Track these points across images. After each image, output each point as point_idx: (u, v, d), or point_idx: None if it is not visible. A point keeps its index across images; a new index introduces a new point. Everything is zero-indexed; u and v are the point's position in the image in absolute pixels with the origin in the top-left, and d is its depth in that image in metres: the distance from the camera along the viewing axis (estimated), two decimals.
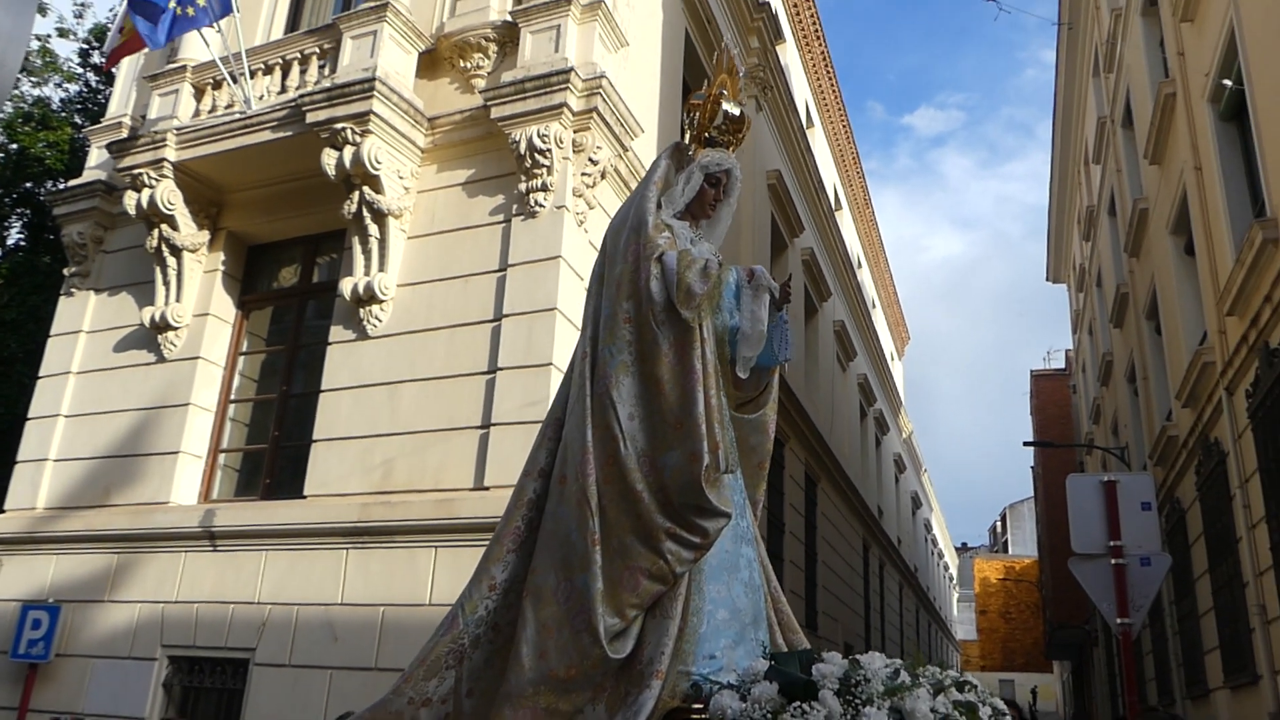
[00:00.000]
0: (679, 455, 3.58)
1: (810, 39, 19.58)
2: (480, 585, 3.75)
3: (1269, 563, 9.06)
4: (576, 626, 3.47)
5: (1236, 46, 9.26)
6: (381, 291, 8.38)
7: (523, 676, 3.47)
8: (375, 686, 7.25)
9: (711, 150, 4.24)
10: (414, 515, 7.57)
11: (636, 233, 3.92)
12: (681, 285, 3.72)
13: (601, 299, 3.99)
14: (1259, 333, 8.86)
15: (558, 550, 3.62)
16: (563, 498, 3.68)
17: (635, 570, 3.51)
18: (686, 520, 3.55)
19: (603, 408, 3.71)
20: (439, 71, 9.14)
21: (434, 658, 3.67)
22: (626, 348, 3.78)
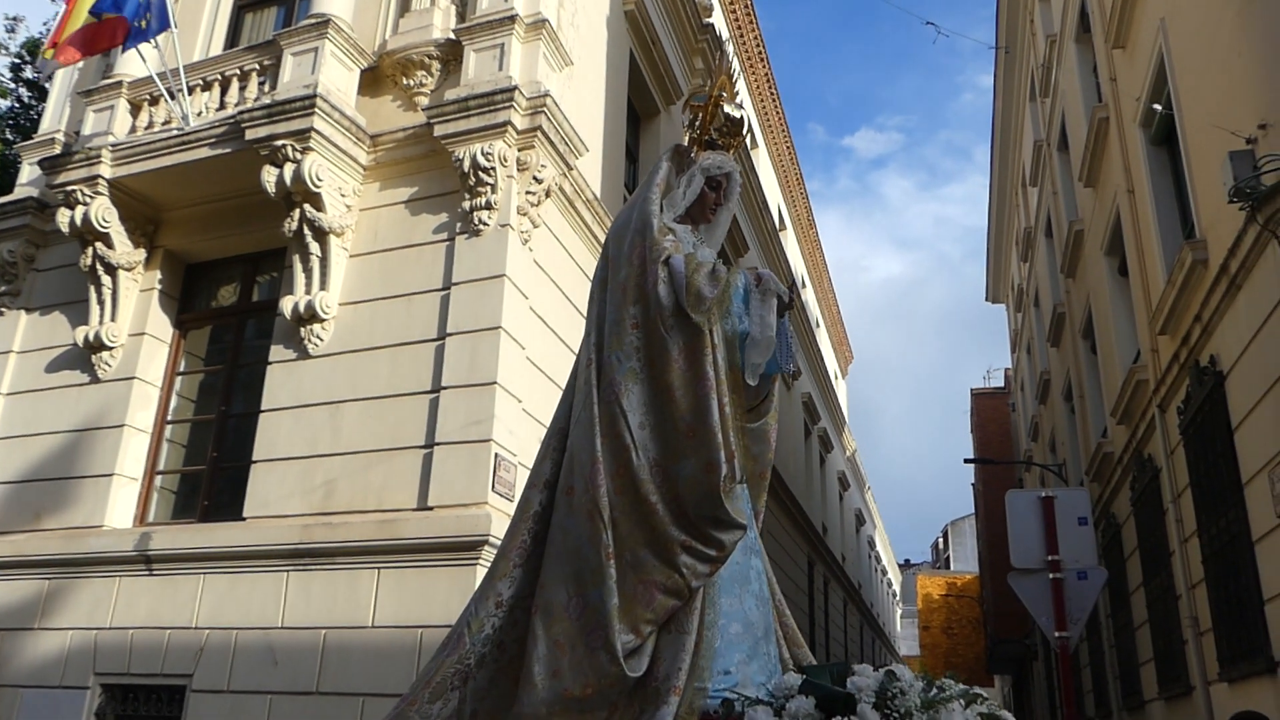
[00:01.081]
0: (693, 465, 3.45)
1: (754, 60, 19.83)
2: (486, 602, 3.57)
3: (1201, 576, 9.28)
4: (591, 644, 3.33)
5: (1166, 73, 9.55)
6: (323, 310, 8.29)
7: (535, 696, 3.32)
8: (317, 711, 7.14)
9: (712, 153, 4.12)
10: (356, 536, 7.47)
11: (641, 235, 3.79)
12: (691, 289, 3.60)
13: (605, 304, 3.85)
14: (1190, 351, 9.10)
15: (568, 564, 3.47)
16: (571, 510, 3.54)
17: (650, 585, 3.38)
18: (702, 532, 3.43)
19: (612, 416, 3.57)
20: (381, 89, 9.09)
21: (440, 679, 3.48)
22: (634, 354, 3.65)
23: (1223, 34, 7.85)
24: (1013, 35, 20.63)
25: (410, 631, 7.13)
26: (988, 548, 31.74)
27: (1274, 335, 7.04)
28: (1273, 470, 7.19)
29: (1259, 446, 7.53)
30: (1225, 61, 7.83)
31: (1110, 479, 13.70)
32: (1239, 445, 8.01)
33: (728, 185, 4.15)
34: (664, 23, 13.18)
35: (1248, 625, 7.89)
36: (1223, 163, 7.22)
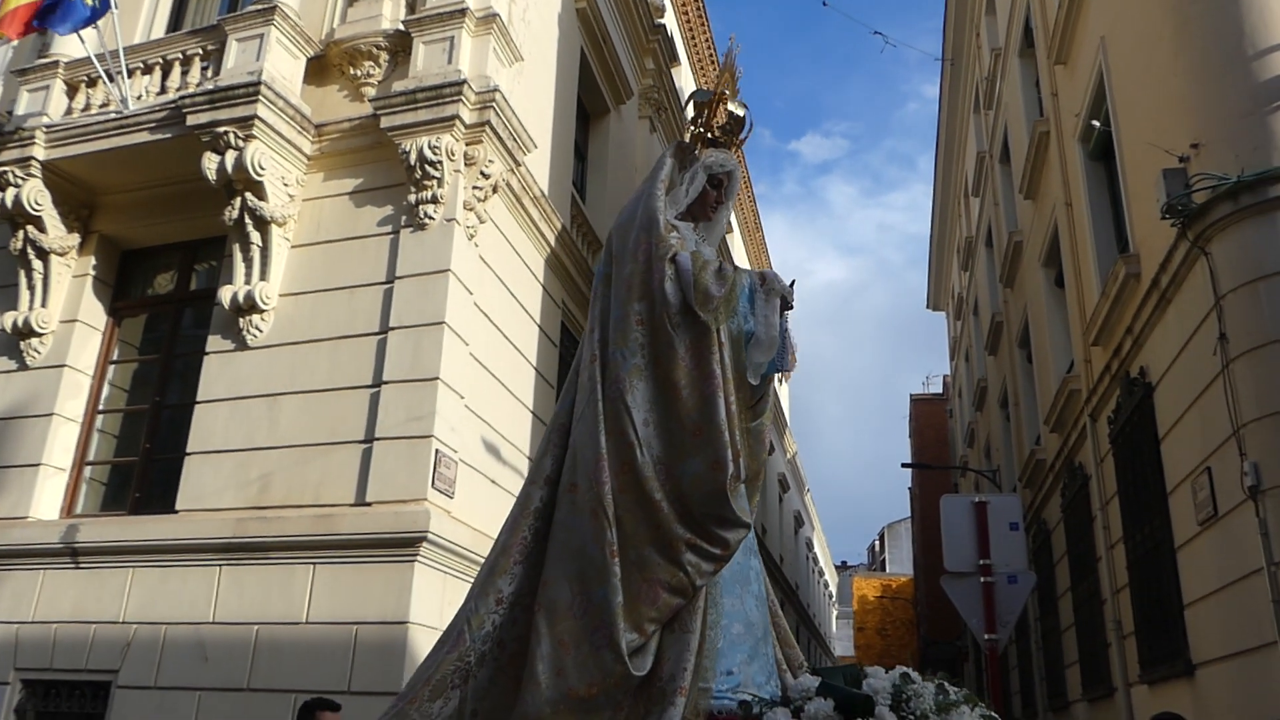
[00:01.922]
0: (699, 463, 3.44)
1: (705, 63, 19.90)
2: (486, 599, 3.52)
3: (1125, 581, 9.53)
4: (596, 642, 3.29)
5: (1105, 90, 9.78)
6: (263, 301, 8.16)
7: (539, 696, 3.27)
8: (248, 708, 7.03)
9: (715, 150, 4.09)
10: (292, 531, 7.36)
11: (647, 231, 3.75)
12: (699, 287, 3.58)
13: (610, 300, 3.81)
14: (1121, 362, 9.34)
15: (571, 562, 3.44)
16: (575, 507, 3.51)
17: (654, 583, 3.36)
18: (707, 531, 3.41)
19: (616, 413, 3.54)
20: (328, 78, 8.97)
21: (440, 676, 3.42)
22: (639, 350, 3.61)
23: (1160, 54, 8.07)
24: (959, 47, 20.98)
25: (346, 628, 7.06)
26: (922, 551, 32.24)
27: (1201, 349, 7.25)
28: (1195, 480, 7.41)
29: (1183, 457, 7.76)
30: (1161, 81, 8.04)
31: (1042, 486, 14.00)
32: (1165, 455, 8.24)
33: (728, 184, 4.12)
34: (616, 22, 13.19)
35: (1168, 629, 8.12)
36: (1156, 180, 7.42)
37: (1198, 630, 7.54)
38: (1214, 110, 7.25)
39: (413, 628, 6.98)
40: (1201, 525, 7.34)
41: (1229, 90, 7.15)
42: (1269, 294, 6.54)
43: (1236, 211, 6.79)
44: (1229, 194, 6.81)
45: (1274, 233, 6.63)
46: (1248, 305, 6.67)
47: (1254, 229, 6.74)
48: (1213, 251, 7.01)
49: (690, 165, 4.05)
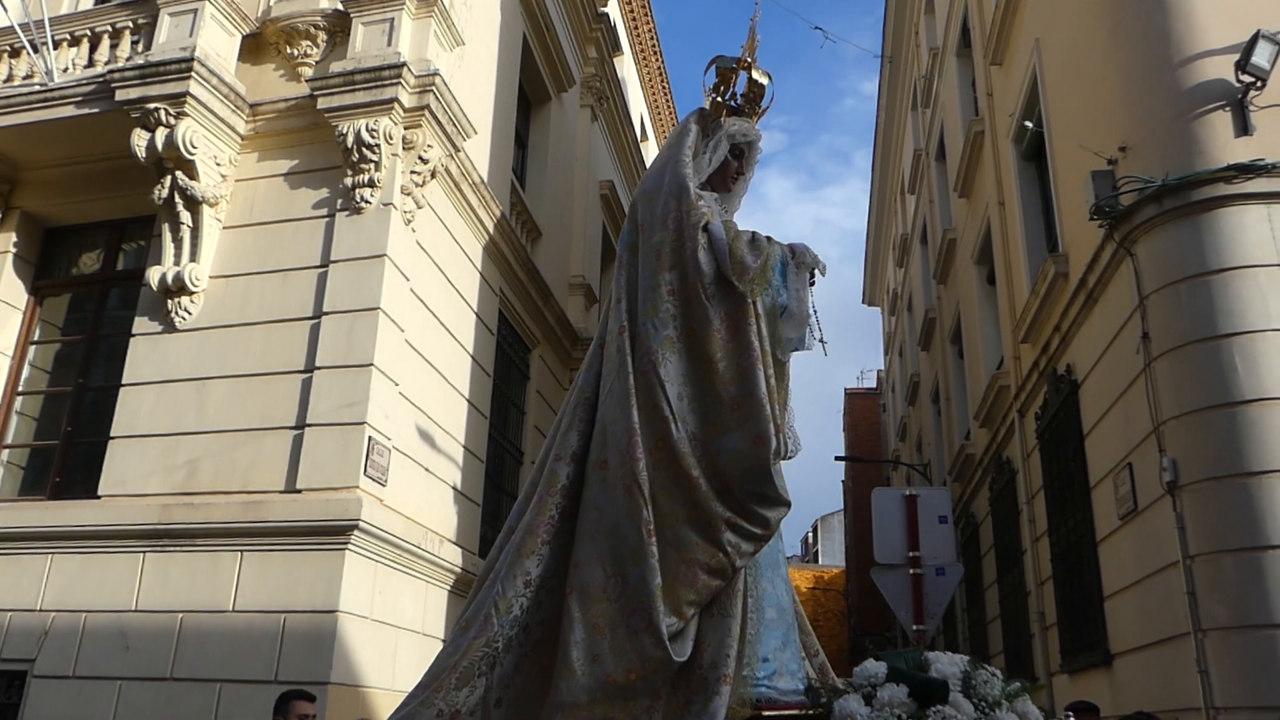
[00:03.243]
0: (739, 439, 3.31)
1: (648, 53, 19.89)
2: (514, 581, 3.32)
3: (1049, 574, 9.77)
4: (634, 626, 3.14)
5: (1038, 91, 9.98)
6: (192, 282, 7.97)
7: (575, 683, 3.11)
8: (170, 697, 6.88)
9: (738, 119, 3.93)
10: (219, 518, 7.22)
11: (677, 199, 3.59)
12: (735, 257, 3.45)
13: (637, 269, 3.65)
14: (1048, 359, 9.55)
15: (605, 542, 3.27)
16: (606, 485, 3.34)
17: (693, 564, 3.21)
18: (747, 509, 3.28)
19: (649, 386, 3.38)
20: (264, 57, 8.78)
21: (467, 663, 3.22)
22: (671, 322, 3.46)
23: (1091, 58, 8.25)
24: (898, 45, 21.23)
25: (273, 616, 6.94)
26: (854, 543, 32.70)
27: (1124, 348, 7.45)
28: (1117, 475, 7.62)
29: (1106, 452, 7.97)
30: (1092, 84, 8.23)
31: (971, 479, 14.29)
32: (1089, 451, 8.46)
33: (749, 154, 3.99)
34: (559, 9, 13.11)
35: (1088, 621, 8.35)
36: (1085, 181, 7.60)
37: (1116, 621, 7.76)
38: (1141, 114, 7.44)
39: (343, 617, 6.89)
40: (1122, 519, 7.55)
41: (1156, 95, 7.34)
42: (1190, 295, 6.74)
43: (1161, 214, 6.98)
44: (1154, 197, 6.99)
45: (1196, 236, 6.83)
46: (1170, 306, 6.86)
47: (1177, 231, 6.94)
48: (1138, 253, 7.20)
49: (713, 133, 3.90)
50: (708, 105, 4.00)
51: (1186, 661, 6.26)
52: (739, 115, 3.97)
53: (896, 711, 2.90)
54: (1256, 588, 5.97)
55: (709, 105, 4.00)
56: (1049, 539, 9.79)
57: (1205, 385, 6.52)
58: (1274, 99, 6.91)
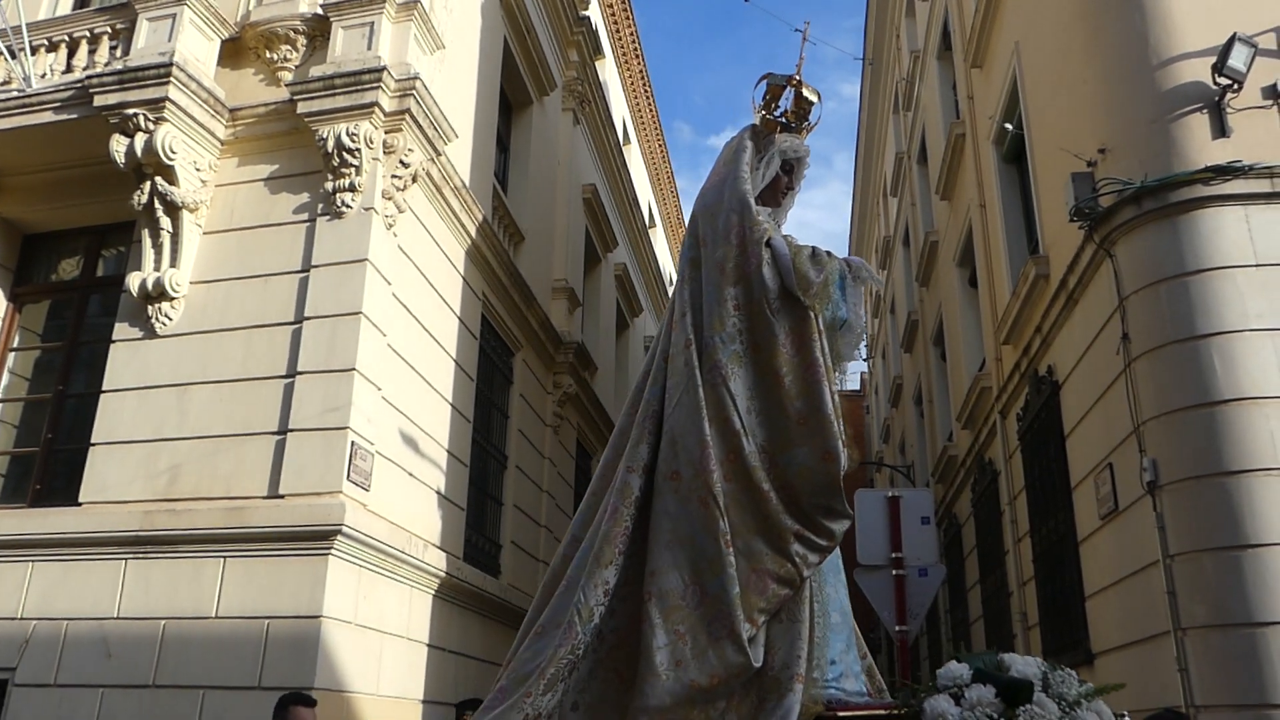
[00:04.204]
0: (807, 453, 3.40)
1: (629, 57, 19.91)
2: (595, 589, 3.40)
3: (1031, 574, 9.82)
4: (715, 633, 3.24)
5: (1018, 94, 10.05)
6: (173, 288, 7.93)
7: (660, 688, 3.19)
8: (153, 705, 6.84)
9: (789, 136, 4.01)
10: (201, 524, 7.18)
11: (739, 214, 3.67)
12: (799, 272, 3.52)
13: (700, 283, 3.71)
14: (1030, 361, 9.61)
15: (680, 551, 3.36)
16: (680, 496, 3.42)
17: (763, 574, 3.32)
18: (814, 522, 3.38)
19: (719, 400, 3.47)
20: (243, 61, 8.75)
21: (554, 670, 3.30)
22: (738, 336, 3.55)
23: (1071, 60, 8.31)
24: (879, 48, 21.33)
25: (257, 622, 6.90)
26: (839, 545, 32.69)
27: (1105, 349, 7.50)
28: (1098, 475, 7.67)
29: (1087, 453, 8.02)
30: (1072, 86, 8.28)
31: (954, 481, 14.35)
32: (1070, 451, 8.52)
33: (797, 169, 4.07)
34: (540, 13, 13.11)
35: (1070, 620, 8.40)
36: (1065, 183, 7.65)
37: (1097, 620, 7.81)
38: (1121, 116, 7.50)
39: (326, 622, 6.86)
40: (1103, 519, 7.60)
41: (1135, 97, 7.39)
42: (1169, 296, 6.79)
43: (1140, 216, 7.04)
44: (1133, 198, 7.05)
45: (1175, 237, 6.88)
46: (1149, 307, 6.92)
47: (1156, 233, 6.99)
48: (1117, 254, 7.26)
49: (765, 149, 3.97)
50: (758, 122, 4.07)
51: (1167, 660, 6.30)
52: (789, 131, 4.05)
53: (986, 711, 2.96)
54: (1235, 586, 6.02)
55: (760, 122, 4.06)
56: (1031, 539, 9.85)
57: (1184, 385, 6.57)
58: (1250, 101, 6.99)
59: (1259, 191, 6.74)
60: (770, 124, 4.04)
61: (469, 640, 9.46)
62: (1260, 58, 6.90)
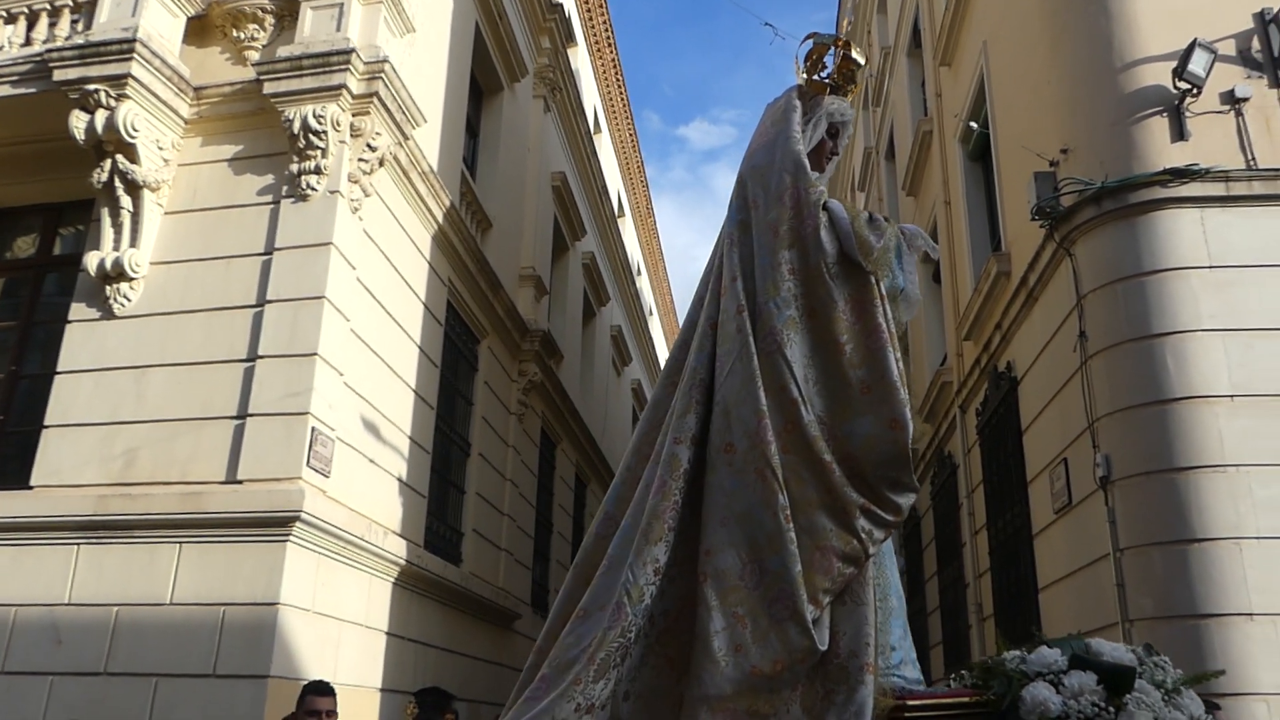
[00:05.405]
0: (871, 422, 3.25)
1: (602, 45, 19.85)
2: (645, 569, 3.18)
3: (987, 566, 9.96)
4: (777, 615, 3.05)
5: (985, 93, 10.14)
6: (132, 269, 7.82)
7: (719, 675, 3.01)
8: (104, 693, 6.77)
9: (836, 99, 3.85)
10: (157, 509, 7.10)
11: (793, 176, 3.50)
12: (860, 237, 3.38)
13: (752, 246, 3.54)
14: (989, 357, 9.73)
15: (737, 528, 3.17)
16: (735, 469, 3.23)
17: (828, 551, 3.14)
18: (880, 495, 3.22)
19: (775, 367, 3.28)
20: (209, 39, 8.62)
21: (604, 655, 3.08)
22: (793, 301, 3.38)
23: (1036, 61, 8.39)
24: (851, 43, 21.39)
25: (212, 609, 6.85)
26: None
27: (1062, 346, 7.60)
28: (1053, 470, 7.79)
29: (1043, 448, 8.14)
30: (1036, 87, 8.37)
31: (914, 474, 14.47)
32: (1027, 446, 8.63)
33: (841, 134, 3.92)
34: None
35: (1024, 611, 8.52)
36: (1028, 182, 7.74)
37: (1050, 612, 7.94)
38: (1083, 117, 7.59)
39: (284, 609, 6.82)
40: (1057, 513, 7.72)
41: (1098, 99, 7.49)
42: (1126, 296, 6.90)
43: (1100, 216, 7.14)
44: (1093, 199, 7.15)
45: (1133, 237, 6.99)
46: (1106, 305, 7.02)
47: (1115, 233, 7.10)
48: (1077, 253, 7.36)
49: (811, 111, 3.80)
50: (802, 82, 3.91)
51: None
52: (835, 94, 3.89)
53: (1091, 699, 2.84)
54: (1181, 580, 6.15)
55: (805, 83, 3.91)
56: (987, 532, 9.98)
57: (1138, 383, 6.69)
58: (1209, 106, 7.11)
59: (1214, 195, 6.86)
60: (818, 85, 3.87)
61: (429, 629, 9.44)
62: (1219, 64, 7.03)
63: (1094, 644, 3.10)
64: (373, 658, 8.25)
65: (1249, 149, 7.02)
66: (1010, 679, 3.03)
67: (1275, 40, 7.18)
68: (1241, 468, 6.27)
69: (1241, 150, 7.03)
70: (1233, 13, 7.32)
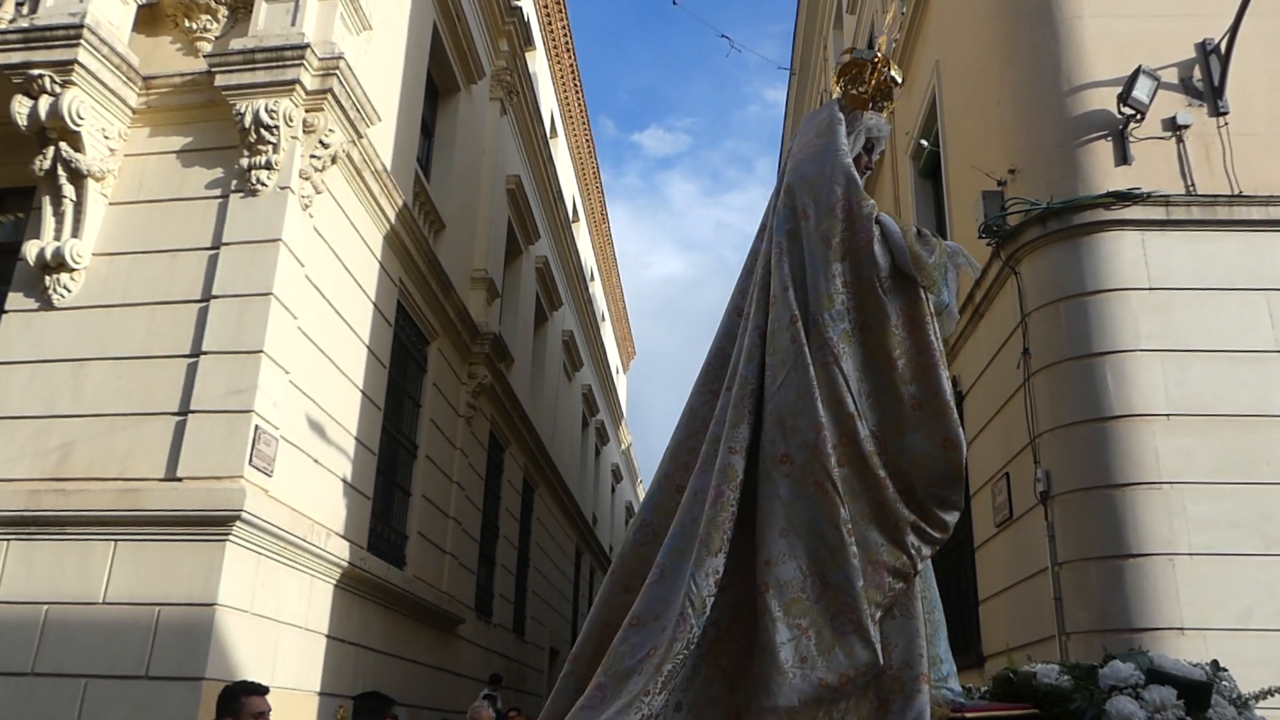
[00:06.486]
0: (923, 440, 3.25)
1: (560, 50, 19.85)
2: (706, 579, 3.13)
3: None
4: (841, 628, 3.05)
5: (936, 111, 10.29)
6: (73, 259, 7.65)
7: (788, 686, 2.98)
8: (31, 694, 6.60)
9: (875, 115, 3.91)
10: (93, 505, 6.94)
11: (845, 188, 3.51)
12: (914, 252, 3.38)
13: (803, 256, 3.52)
14: None
15: (798, 540, 3.15)
16: (793, 481, 3.21)
17: (879, 566, 3.15)
18: (928, 512, 3.23)
19: (831, 380, 3.27)
20: (160, 28, 8.48)
21: (671, 666, 3.01)
22: (846, 314, 3.38)
23: (987, 82, 8.54)
24: (807, 57, 21.61)
25: (147, 609, 6.70)
26: None
27: (1006, 362, 7.73)
28: (995, 484, 7.91)
29: (986, 463, 8.26)
30: (986, 107, 8.52)
31: None
32: (970, 460, 8.75)
33: (876, 149, 3.97)
34: (471, 1, 12.98)
35: (965, 624, 8.63)
36: (976, 200, 7.87)
37: (989, 625, 8.05)
38: (1030, 139, 7.74)
39: (221, 610, 6.70)
40: (998, 527, 7.85)
41: (1045, 121, 7.64)
42: (1068, 314, 7.04)
43: (1044, 236, 7.28)
44: (1039, 219, 7.29)
45: (1076, 257, 7.14)
46: (1049, 324, 7.16)
47: (1059, 253, 7.24)
48: (1022, 271, 7.49)
49: (852, 126, 3.84)
50: (839, 94, 3.97)
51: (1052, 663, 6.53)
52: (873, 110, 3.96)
53: (1174, 713, 2.86)
54: (1116, 594, 6.27)
55: (845, 97, 3.96)
56: None
57: (1078, 401, 6.82)
58: (1151, 132, 7.28)
59: (1155, 218, 7.03)
60: (858, 100, 3.93)
61: (369, 632, 9.33)
62: (1162, 91, 7.21)
63: (1156, 659, 3.14)
64: (311, 660, 8.13)
65: (1189, 175, 7.21)
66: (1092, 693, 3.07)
67: (1215, 70, 7.39)
68: (1176, 485, 6.42)
69: (1182, 176, 7.22)
70: (1176, 42, 7.52)
